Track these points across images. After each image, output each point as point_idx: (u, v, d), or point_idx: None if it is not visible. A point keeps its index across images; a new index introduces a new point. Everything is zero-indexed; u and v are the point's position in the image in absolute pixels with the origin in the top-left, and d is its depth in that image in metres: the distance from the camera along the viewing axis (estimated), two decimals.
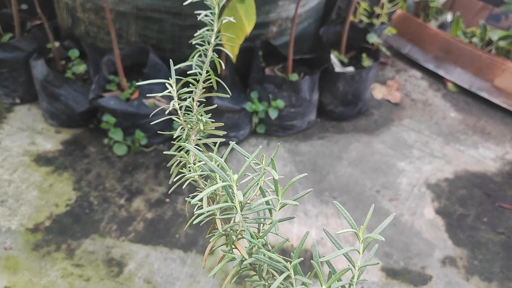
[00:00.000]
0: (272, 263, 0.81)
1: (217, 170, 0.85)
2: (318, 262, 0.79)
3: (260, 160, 0.94)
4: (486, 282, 2.01)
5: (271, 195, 0.98)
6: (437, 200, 2.40)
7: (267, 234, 0.92)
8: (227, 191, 0.87)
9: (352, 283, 0.85)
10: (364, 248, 0.87)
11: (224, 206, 0.85)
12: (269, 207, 0.91)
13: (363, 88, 2.77)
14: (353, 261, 0.87)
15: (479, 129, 2.98)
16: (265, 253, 0.81)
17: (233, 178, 0.83)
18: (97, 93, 2.41)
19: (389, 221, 0.86)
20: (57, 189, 2.24)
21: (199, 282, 1.87)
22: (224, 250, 0.92)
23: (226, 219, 0.93)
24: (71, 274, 1.87)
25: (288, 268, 0.79)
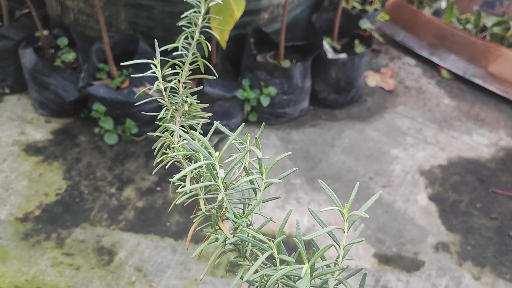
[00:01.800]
0: (256, 242, 0.79)
1: (199, 148, 0.83)
2: (301, 240, 0.77)
3: (245, 140, 0.92)
4: (479, 267, 2.00)
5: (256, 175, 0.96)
6: (430, 187, 2.39)
7: (252, 216, 0.91)
8: (210, 170, 0.85)
9: (338, 262, 0.84)
10: (349, 226, 0.85)
11: (207, 185, 0.83)
12: (253, 186, 0.89)
13: (356, 75, 2.75)
14: (338, 240, 0.86)
15: (473, 116, 2.96)
16: (249, 232, 0.80)
17: (215, 156, 0.81)
18: (86, 81, 2.38)
19: (374, 199, 0.84)
20: (47, 178, 2.21)
21: (190, 270, 1.86)
22: (208, 231, 0.90)
23: (210, 200, 0.91)
24: (61, 263, 1.85)
25: (271, 247, 0.77)
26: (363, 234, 2.10)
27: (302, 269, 0.75)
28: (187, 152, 0.91)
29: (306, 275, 0.71)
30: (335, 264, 0.84)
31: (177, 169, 0.93)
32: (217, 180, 0.85)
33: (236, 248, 0.89)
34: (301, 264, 0.71)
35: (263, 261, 0.84)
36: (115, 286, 1.78)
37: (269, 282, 0.71)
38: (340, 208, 0.85)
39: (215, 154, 0.80)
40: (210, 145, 0.83)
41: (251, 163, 0.96)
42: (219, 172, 0.80)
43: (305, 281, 0.67)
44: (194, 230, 0.94)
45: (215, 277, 1.84)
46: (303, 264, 0.71)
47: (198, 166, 0.80)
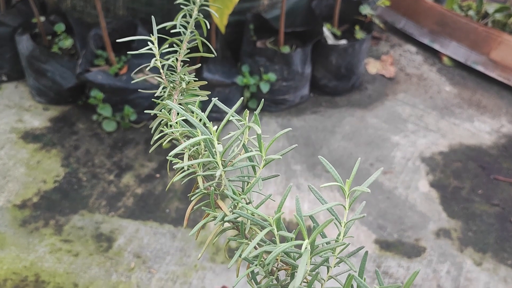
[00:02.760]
0: (255, 219, 0.78)
1: (197, 124, 0.81)
2: (301, 215, 0.75)
3: (244, 117, 0.90)
4: (480, 253, 1.99)
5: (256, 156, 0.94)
6: (431, 173, 2.37)
7: (252, 195, 0.89)
8: (208, 146, 0.83)
9: (338, 240, 0.82)
10: (350, 203, 0.83)
11: (205, 161, 0.82)
12: (252, 164, 0.87)
13: (357, 61, 2.72)
14: (339, 218, 0.84)
15: (475, 103, 2.94)
16: (248, 209, 0.78)
17: (213, 130, 0.79)
18: (84, 67, 2.35)
19: (377, 175, 0.82)
20: (45, 165, 2.19)
21: (190, 256, 1.84)
22: (207, 209, 0.88)
23: (209, 179, 0.89)
24: (60, 250, 1.83)
25: (270, 223, 0.75)
26: (364, 220, 2.08)
27: (302, 246, 0.73)
28: (185, 129, 0.89)
29: (306, 251, 0.69)
30: (336, 241, 0.82)
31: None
32: (215, 156, 0.83)
33: (235, 227, 0.87)
34: (301, 241, 0.69)
35: (263, 239, 0.82)
36: (114, 272, 1.77)
37: (268, 259, 0.70)
38: (341, 184, 0.83)
39: (213, 128, 0.78)
40: (208, 121, 0.81)
41: (250, 140, 0.94)
42: (217, 147, 0.78)
43: (305, 258, 0.65)
44: (192, 208, 0.93)
45: (215, 263, 1.82)
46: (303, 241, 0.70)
47: (195, 141, 0.78)
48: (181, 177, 0.89)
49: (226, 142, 0.82)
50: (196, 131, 0.85)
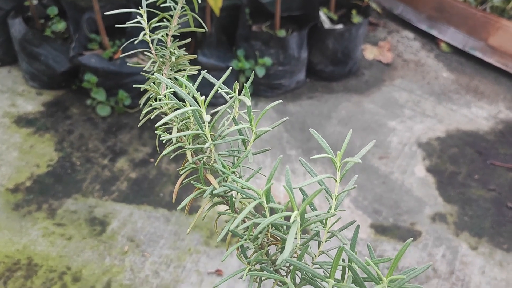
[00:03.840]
0: (244, 192, 0.76)
1: (185, 95, 0.79)
2: (290, 187, 0.73)
3: (234, 89, 0.88)
4: (476, 237, 1.98)
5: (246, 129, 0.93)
6: (428, 159, 2.36)
7: (242, 170, 0.87)
8: (196, 117, 0.81)
9: (329, 214, 0.80)
10: (342, 176, 0.82)
11: (193, 133, 0.80)
12: (243, 137, 0.85)
13: (353, 46, 2.69)
14: (329, 190, 0.82)
15: (472, 89, 2.92)
16: (237, 181, 0.76)
17: (201, 101, 0.77)
18: (77, 51, 2.32)
19: (369, 148, 0.81)
20: (38, 150, 2.17)
21: (184, 240, 1.83)
22: (196, 183, 0.87)
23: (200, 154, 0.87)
24: (53, 233, 1.82)
25: (259, 195, 0.73)
26: (359, 205, 2.07)
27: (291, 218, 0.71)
28: (173, 101, 0.87)
29: (295, 222, 0.68)
30: (327, 216, 0.81)
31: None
32: (204, 129, 0.81)
33: (225, 201, 0.86)
34: (290, 212, 0.67)
35: (253, 212, 0.81)
36: (107, 256, 1.76)
37: (256, 231, 0.68)
38: (332, 156, 0.82)
39: (201, 98, 0.76)
40: (196, 92, 0.79)
41: (241, 115, 0.92)
42: (204, 118, 0.76)
43: (294, 230, 0.63)
44: (181, 182, 0.91)
45: (209, 247, 1.81)
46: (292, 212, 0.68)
47: (182, 111, 0.76)
48: (169, 151, 0.87)
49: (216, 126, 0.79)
50: (186, 105, 0.83)
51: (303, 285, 0.76)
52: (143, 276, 1.69)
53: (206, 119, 0.75)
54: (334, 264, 0.66)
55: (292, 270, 0.73)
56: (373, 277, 0.73)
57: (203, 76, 0.85)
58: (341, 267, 0.79)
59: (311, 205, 0.84)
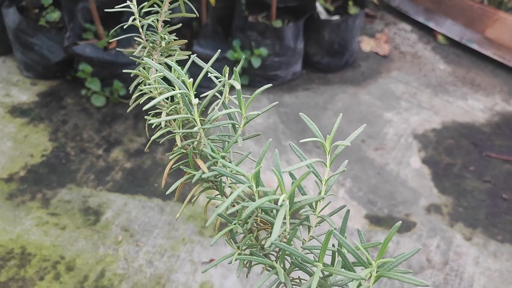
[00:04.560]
0: (233, 176, 0.75)
1: (173, 78, 0.78)
2: (279, 169, 0.73)
3: (223, 73, 0.87)
4: (470, 228, 1.98)
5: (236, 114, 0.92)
6: (424, 150, 2.35)
7: (232, 155, 0.87)
8: (185, 102, 0.81)
9: (320, 198, 0.80)
10: (331, 160, 0.81)
11: (182, 117, 0.79)
12: (232, 122, 0.85)
13: (350, 38, 2.68)
14: (319, 175, 0.82)
15: (469, 81, 2.91)
16: (227, 165, 0.76)
17: (189, 83, 0.76)
18: (72, 41, 2.31)
19: (361, 130, 0.80)
20: (33, 140, 2.16)
21: (178, 230, 1.83)
22: (185, 168, 0.86)
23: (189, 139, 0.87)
24: (47, 223, 1.81)
25: (248, 179, 0.73)
26: (354, 196, 2.07)
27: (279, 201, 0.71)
28: (161, 86, 0.86)
29: (284, 205, 0.67)
30: (317, 201, 0.80)
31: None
32: (193, 113, 0.81)
33: (214, 186, 0.85)
34: (278, 195, 0.67)
35: (242, 197, 0.80)
36: (101, 245, 1.75)
37: (245, 214, 0.68)
38: (322, 140, 0.81)
39: (188, 81, 0.75)
40: (184, 74, 0.78)
41: (231, 100, 0.92)
42: (193, 101, 0.76)
43: (282, 212, 0.63)
44: (171, 167, 0.90)
45: (203, 237, 1.81)
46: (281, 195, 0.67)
47: (170, 94, 0.75)
48: (158, 135, 0.86)
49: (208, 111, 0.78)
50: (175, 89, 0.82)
51: (293, 269, 0.76)
52: (137, 266, 1.69)
53: (194, 101, 0.74)
54: (323, 248, 0.66)
55: (281, 255, 0.72)
56: (362, 262, 0.72)
57: (193, 63, 0.84)
58: (331, 252, 0.78)
59: (301, 190, 0.84)
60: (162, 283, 1.64)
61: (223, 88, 0.90)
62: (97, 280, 1.63)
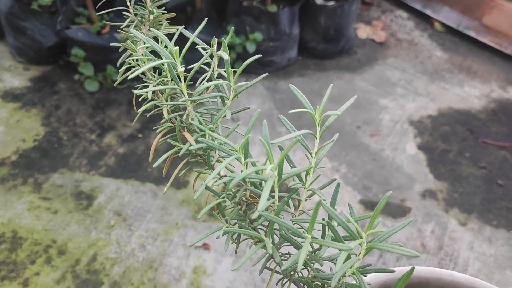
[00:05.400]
0: (220, 148, 0.74)
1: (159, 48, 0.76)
2: (267, 140, 0.71)
3: (212, 44, 0.86)
4: (465, 213, 1.97)
5: (225, 88, 0.91)
6: (419, 136, 2.34)
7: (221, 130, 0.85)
8: (172, 73, 0.79)
9: (309, 172, 0.79)
10: (321, 132, 0.80)
11: (168, 88, 0.77)
12: (221, 94, 0.83)
13: (346, 23, 2.66)
14: (309, 148, 0.80)
15: (465, 68, 2.90)
16: (214, 136, 0.74)
17: (176, 51, 0.74)
18: (64, 25, 2.28)
19: (352, 102, 0.79)
20: (25, 124, 2.14)
21: (171, 214, 1.81)
22: (173, 141, 0.85)
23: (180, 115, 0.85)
24: (38, 207, 1.80)
25: (236, 151, 0.71)
26: (349, 181, 2.05)
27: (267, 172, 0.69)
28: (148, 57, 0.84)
29: (272, 176, 0.65)
30: (307, 173, 0.79)
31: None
32: (180, 84, 0.79)
33: (202, 160, 0.84)
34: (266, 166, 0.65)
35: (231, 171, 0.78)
36: (93, 229, 1.74)
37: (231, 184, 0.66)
38: (311, 111, 0.80)
39: (174, 48, 0.73)
40: (170, 43, 0.76)
41: (220, 73, 0.90)
42: (179, 69, 0.74)
43: (269, 182, 0.61)
44: (158, 142, 0.89)
45: (197, 221, 1.79)
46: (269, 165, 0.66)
47: (156, 64, 0.74)
48: (145, 108, 0.84)
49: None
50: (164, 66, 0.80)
51: (282, 243, 0.74)
52: (130, 250, 1.68)
53: (180, 70, 0.73)
54: (312, 220, 0.65)
55: (269, 226, 0.71)
56: (352, 234, 0.71)
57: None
58: (322, 227, 0.77)
59: (291, 163, 0.82)
60: (155, 267, 1.63)
61: (212, 60, 0.88)
62: (89, 264, 1.62)
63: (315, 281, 0.74)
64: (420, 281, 0.98)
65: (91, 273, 1.59)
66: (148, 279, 1.59)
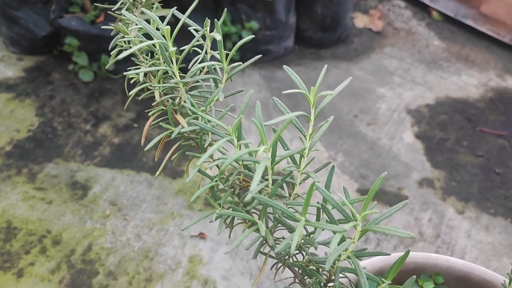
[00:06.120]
0: (213, 130, 0.72)
1: (150, 29, 0.74)
2: (260, 121, 0.70)
3: (204, 25, 0.84)
4: (463, 202, 1.96)
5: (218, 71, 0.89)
6: (417, 125, 2.33)
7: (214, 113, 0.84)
8: (164, 54, 0.77)
9: (303, 154, 0.77)
10: (316, 114, 0.79)
11: (159, 69, 0.76)
12: (214, 76, 0.81)
13: (343, 12, 2.63)
14: (304, 131, 0.79)
15: (463, 57, 2.88)
16: (207, 119, 0.72)
17: (167, 31, 0.72)
18: (58, 14, 2.25)
19: (347, 83, 0.77)
20: (19, 115, 2.12)
21: (167, 204, 1.80)
22: (165, 125, 0.83)
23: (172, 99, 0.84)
24: (33, 197, 1.78)
25: (229, 133, 0.70)
26: (346, 170, 2.04)
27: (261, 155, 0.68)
28: (140, 39, 0.82)
29: (265, 159, 0.64)
30: (301, 155, 0.77)
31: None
32: (172, 65, 0.77)
33: (195, 144, 0.82)
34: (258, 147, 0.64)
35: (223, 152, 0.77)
36: (89, 219, 1.72)
37: (223, 166, 0.64)
38: (305, 92, 0.78)
39: (165, 27, 0.71)
40: (161, 22, 0.75)
41: (214, 56, 0.88)
42: (170, 49, 0.72)
43: (262, 164, 0.59)
44: (150, 125, 0.87)
45: (192, 211, 1.78)
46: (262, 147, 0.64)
47: (146, 44, 0.72)
48: (137, 90, 0.83)
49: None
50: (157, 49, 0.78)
51: (276, 226, 0.73)
52: (125, 239, 1.67)
53: (171, 49, 0.71)
54: (306, 201, 0.63)
55: (263, 209, 0.70)
56: (347, 216, 0.70)
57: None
58: (316, 210, 0.76)
59: (285, 146, 0.81)
60: (150, 256, 1.62)
61: (204, 42, 0.86)
62: (84, 254, 1.61)
63: (310, 265, 0.73)
64: (416, 266, 0.97)
65: (86, 263, 1.58)
66: (144, 268, 1.58)
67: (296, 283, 0.79)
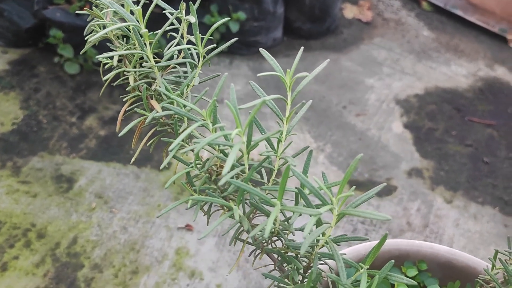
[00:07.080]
0: (187, 114, 0.71)
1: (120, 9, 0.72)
2: (234, 104, 0.68)
3: (180, 9, 0.82)
4: (451, 191, 1.96)
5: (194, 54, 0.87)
6: (406, 115, 2.32)
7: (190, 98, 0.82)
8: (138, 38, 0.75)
9: (281, 139, 0.76)
10: (293, 97, 0.77)
11: (133, 53, 0.74)
12: (190, 60, 0.80)
13: (331, 3, 2.62)
14: (281, 115, 0.77)
15: (452, 47, 2.87)
16: (182, 103, 0.71)
17: (139, 12, 0.70)
18: (42, 6, 2.22)
19: (325, 65, 0.76)
20: (3, 108, 2.09)
21: (153, 196, 1.78)
22: (140, 110, 0.81)
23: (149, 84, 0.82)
24: (17, 191, 1.76)
25: (204, 117, 0.68)
26: (334, 161, 2.03)
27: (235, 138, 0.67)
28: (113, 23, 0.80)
29: (239, 142, 0.63)
30: (279, 140, 0.76)
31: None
32: (145, 49, 0.76)
33: (171, 129, 0.81)
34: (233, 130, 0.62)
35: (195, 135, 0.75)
36: (74, 212, 1.70)
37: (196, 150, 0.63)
38: (282, 75, 0.77)
39: (136, 8, 0.69)
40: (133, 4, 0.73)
41: (190, 40, 0.86)
42: (142, 32, 0.70)
43: (236, 148, 0.58)
44: (125, 110, 0.85)
45: None
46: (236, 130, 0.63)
47: (118, 27, 0.70)
48: (111, 75, 0.81)
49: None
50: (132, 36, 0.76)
51: (252, 211, 0.72)
52: (111, 232, 1.65)
53: (143, 31, 0.69)
54: (281, 185, 0.62)
55: (239, 195, 0.68)
56: (323, 200, 0.68)
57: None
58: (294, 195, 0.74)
59: (262, 131, 0.79)
60: (137, 248, 1.60)
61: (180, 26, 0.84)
62: (69, 247, 1.59)
63: (288, 252, 0.72)
64: (400, 253, 0.96)
65: (71, 256, 1.56)
66: (130, 261, 1.57)
67: (276, 270, 0.78)
